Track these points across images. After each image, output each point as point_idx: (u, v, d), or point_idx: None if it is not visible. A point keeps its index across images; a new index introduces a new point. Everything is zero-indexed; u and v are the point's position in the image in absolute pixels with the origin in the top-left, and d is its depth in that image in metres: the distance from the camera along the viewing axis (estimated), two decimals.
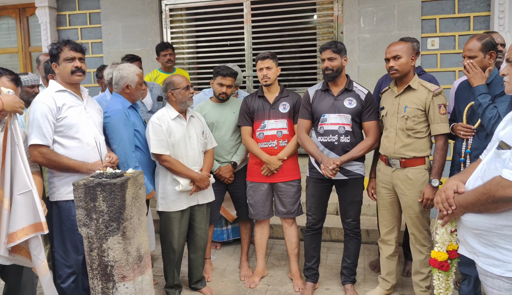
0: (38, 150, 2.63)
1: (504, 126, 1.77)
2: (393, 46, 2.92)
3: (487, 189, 1.65)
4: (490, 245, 1.70)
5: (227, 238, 4.35)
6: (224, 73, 3.42)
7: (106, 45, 5.82)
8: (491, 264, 1.70)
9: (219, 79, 3.45)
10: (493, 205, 1.64)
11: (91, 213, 2.28)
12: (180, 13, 5.77)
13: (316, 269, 3.40)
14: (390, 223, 3.13)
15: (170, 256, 3.27)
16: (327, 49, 3.08)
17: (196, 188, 3.17)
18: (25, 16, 6.27)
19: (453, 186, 1.85)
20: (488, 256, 1.71)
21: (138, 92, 3.21)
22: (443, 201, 1.86)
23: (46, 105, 2.65)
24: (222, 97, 3.52)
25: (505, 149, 1.65)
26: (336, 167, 2.98)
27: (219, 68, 3.47)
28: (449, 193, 1.84)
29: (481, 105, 2.65)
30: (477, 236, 1.75)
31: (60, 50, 2.73)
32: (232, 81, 3.50)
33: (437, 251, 2.02)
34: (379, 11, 4.94)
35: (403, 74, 2.91)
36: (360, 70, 5.06)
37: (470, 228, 1.78)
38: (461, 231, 1.87)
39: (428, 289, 3.03)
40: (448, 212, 1.84)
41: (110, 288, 2.32)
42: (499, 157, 1.67)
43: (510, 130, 1.69)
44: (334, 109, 3.12)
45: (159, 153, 3.08)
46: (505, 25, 4.51)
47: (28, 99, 3.62)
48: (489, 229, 1.69)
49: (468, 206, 1.75)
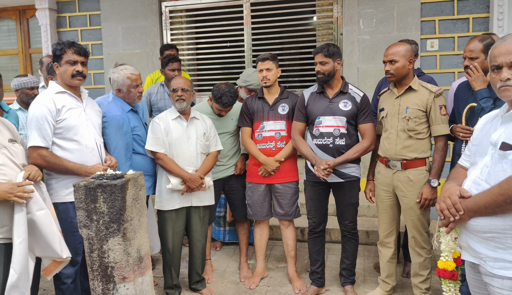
0: (37, 151, 2.63)
1: (494, 129, 1.78)
2: (390, 50, 2.91)
3: (505, 189, 1.63)
4: (501, 248, 1.69)
5: (223, 239, 4.37)
6: (225, 103, 3.37)
7: (106, 46, 5.83)
8: (502, 268, 1.69)
9: (219, 106, 3.42)
10: (511, 205, 1.63)
11: (91, 214, 2.28)
12: (180, 15, 5.78)
13: (321, 273, 3.38)
14: (389, 226, 3.13)
15: (166, 256, 3.29)
16: (319, 53, 3.08)
17: (186, 188, 3.17)
18: (25, 18, 6.28)
19: (456, 191, 1.81)
20: (498, 259, 1.70)
21: (131, 95, 3.13)
22: (450, 207, 1.80)
23: (46, 107, 2.65)
24: (221, 115, 3.55)
25: (509, 149, 1.65)
26: (328, 167, 2.98)
27: (221, 95, 3.33)
28: (455, 198, 1.80)
29: (483, 109, 2.63)
30: (486, 240, 1.73)
31: (63, 52, 2.73)
32: (231, 107, 3.49)
33: (444, 260, 1.97)
34: (378, 12, 4.95)
35: (399, 77, 2.91)
36: (360, 71, 5.07)
37: (479, 232, 1.75)
38: (463, 237, 1.84)
39: (428, 291, 3.03)
40: (455, 218, 1.79)
41: (110, 289, 2.32)
42: (506, 158, 1.67)
43: (509, 131, 1.70)
44: (329, 112, 3.11)
45: (153, 150, 3.13)
46: (504, 26, 4.52)
47: (27, 101, 3.64)
48: (504, 231, 1.68)
49: (479, 210, 1.72)
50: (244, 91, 3.80)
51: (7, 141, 2.45)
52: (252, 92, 3.73)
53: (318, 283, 3.37)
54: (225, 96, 3.34)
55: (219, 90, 3.35)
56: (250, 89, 3.76)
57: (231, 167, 3.62)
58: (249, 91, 3.77)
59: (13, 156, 2.44)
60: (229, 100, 3.36)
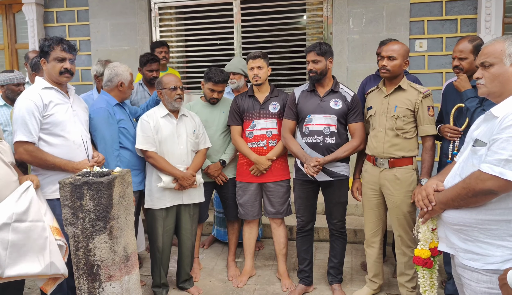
0: (23, 147, 2.59)
1: (477, 127, 1.91)
2: (391, 46, 2.92)
3: (467, 183, 1.76)
4: (469, 240, 1.80)
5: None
6: (216, 80, 3.41)
7: (94, 43, 5.76)
8: (470, 259, 1.80)
9: (211, 85, 3.44)
10: (473, 198, 1.75)
11: (77, 212, 2.25)
12: (169, 12, 5.74)
13: (309, 272, 3.38)
14: (375, 225, 3.14)
15: (155, 254, 3.27)
16: (311, 51, 3.07)
17: (179, 186, 3.16)
18: (11, 12, 6.17)
19: (433, 184, 1.97)
20: (467, 251, 1.81)
21: (129, 90, 3.22)
22: (423, 198, 1.97)
23: (33, 102, 2.61)
24: (213, 102, 3.53)
25: (480, 145, 1.77)
26: (318, 164, 2.98)
27: (212, 73, 3.42)
28: (429, 190, 1.96)
29: (469, 109, 2.70)
30: (457, 232, 1.85)
31: (51, 48, 2.69)
32: (223, 87, 3.50)
33: (420, 249, 2.09)
34: (368, 12, 4.97)
35: (392, 75, 2.93)
36: (349, 71, 5.09)
37: (450, 224, 1.88)
38: (441, 228, 1.97)
39: (414, 289, 3.05)
40: (428, 208, 1.95)
41: (96, 288, 2.30)
42: (476, 154, 1.79)
43: (484, 129, 1.81)
44: (319, 110, 3.12)
45: (144, 149, 3.09)
46: (492, 28, 4.57)
47: (13, 97, 3.57)
48: (470, 224, 1.79)
49: (448, 202, 1.86)
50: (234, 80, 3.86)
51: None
52: (235, 76, 3.80)
53: (306, 282, 3.38)
54: (214, 71, 3.43)
55: (209, 69, 3.47)
56: (234, 73, 3.82)
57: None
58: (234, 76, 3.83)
59: (1, 153, 2.39)
60: (218, 75, 3.41)
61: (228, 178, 3.60)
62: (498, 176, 1.65)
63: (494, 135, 1.70)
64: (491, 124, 1.77)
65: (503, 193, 1.69)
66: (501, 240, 1.72)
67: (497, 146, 1.67)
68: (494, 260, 1.73)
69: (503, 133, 1.67)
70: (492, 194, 1.70)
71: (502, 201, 1.71)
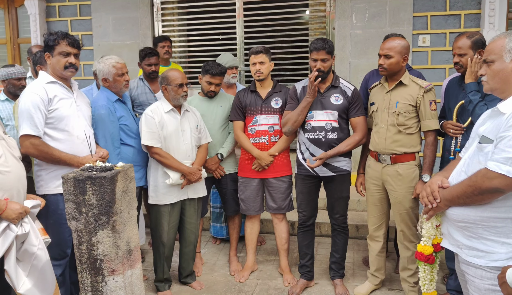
0: (29, 140, 2.60)
1: (483, 123, 1.88)
2: (387, 44, 2.90)
3: (473, 181, 1.74)
4: (474, 237, 1.79)
5: (227, 235, 4.26)
6: (213, 73, 3.41)
7: (97, 37, 5.76)
8: (474, 256, 1.79)
9: (208, 77, 3.44)
10: (479, 196, 1.73)
11: (80, 206, 2.26)
12: (171, 6, 5.72)
13: (310, 267, 3.39)
14: (379, 220, 3.15)
15: (160, 249, 3.27)
16: (321, 50, 3.00)
17: (187, 182, 3.16)
18: (13, 6, 6.16)
19: (438, 181, 1.94)
20: (472, 248, 1.80)
21: (118, 84, 3.10)
22: (428, 195, 1.94)
23: (38, 96, 2.61)
24: (210, 95, 3.53)
25: (487, 143, 1.74)
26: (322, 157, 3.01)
27: (209, 66, 3.43)
28: (434, 187, 1.93)
29: (471, 102, 2.68)
30: (462, 229, 1.84)
31: (56, 43, 2.68)
32: (221, 79, 3.50)
33: (423, 245, 2.08)
34: (371, 7, 4.95)
35: (391, 73, 2.92)
36: (352, 66, 5.07)
37: (455, 221, 1.86)
38: (445, 225, 1.95)
39: (416, 285, 3.06)
40: (433, 205, 1.92)
41: (99, 282, 2.31)
42: (482, 151, 1.77)
43: (490, 125, 1.79)
44: (320, 106, 3.11)
45: (150, 145, 3.07)
46: (495, 23, 4.55)
47: (15, 92, 3.57)
48: (475, 221, 1.78)
49: (453, 199, 1.84)
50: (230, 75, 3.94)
51: (2, 133, 2.41)
52: (233, 70, 3.90)
53: (307, 277, 3.38)
54: (211, 63, 3.45)
55: (206, 62, 3.50)
56: (230, 68, 3.91)
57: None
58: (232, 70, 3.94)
59: (10, 148, 2.39)
60: (216, 67, 3.41)
61: (227, 173, 3.60)
62: (505, 174, 1.63)
63: (501, 133, 1.68)
64: (498, 121, 1.75)
65: (510, 191, 1.67)
66: (506, 237, 1.71)
67: (505, 144, 1.65)
68: (499, 257, 1.72)
69: (510, 131, 1.65)
70: (499, 192, 1.68)
71: (508, 198, 1.70)
